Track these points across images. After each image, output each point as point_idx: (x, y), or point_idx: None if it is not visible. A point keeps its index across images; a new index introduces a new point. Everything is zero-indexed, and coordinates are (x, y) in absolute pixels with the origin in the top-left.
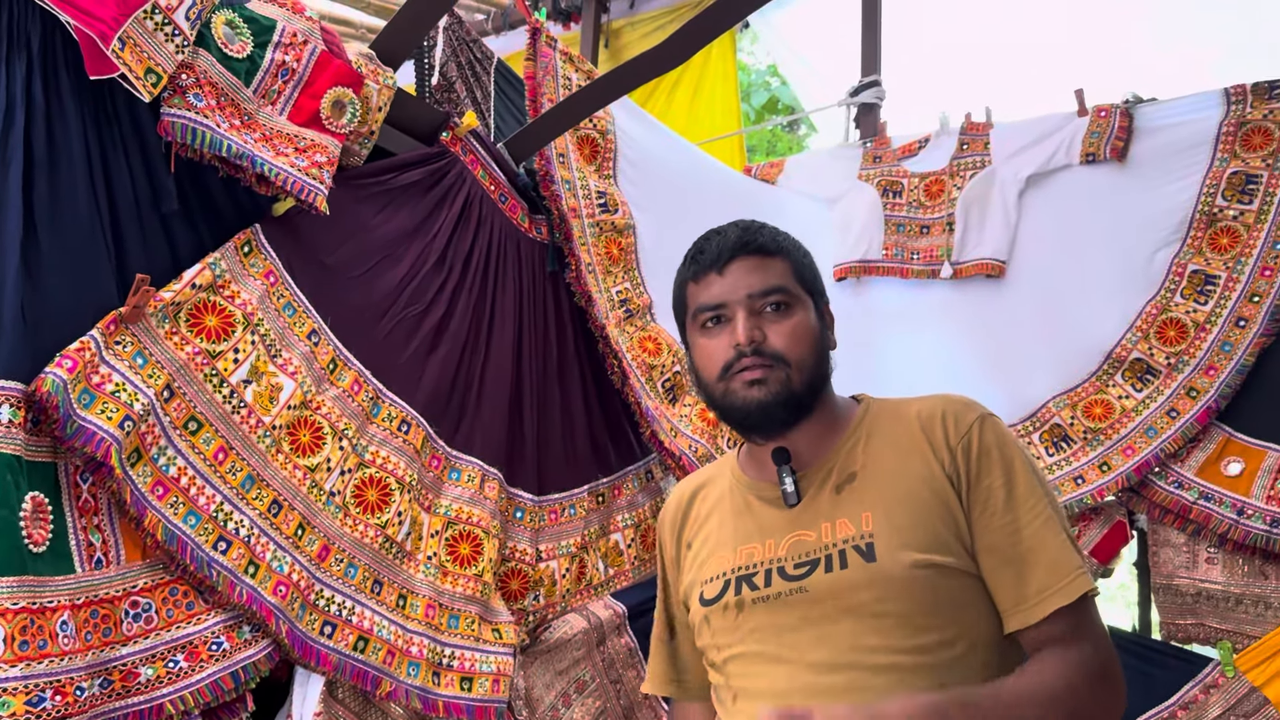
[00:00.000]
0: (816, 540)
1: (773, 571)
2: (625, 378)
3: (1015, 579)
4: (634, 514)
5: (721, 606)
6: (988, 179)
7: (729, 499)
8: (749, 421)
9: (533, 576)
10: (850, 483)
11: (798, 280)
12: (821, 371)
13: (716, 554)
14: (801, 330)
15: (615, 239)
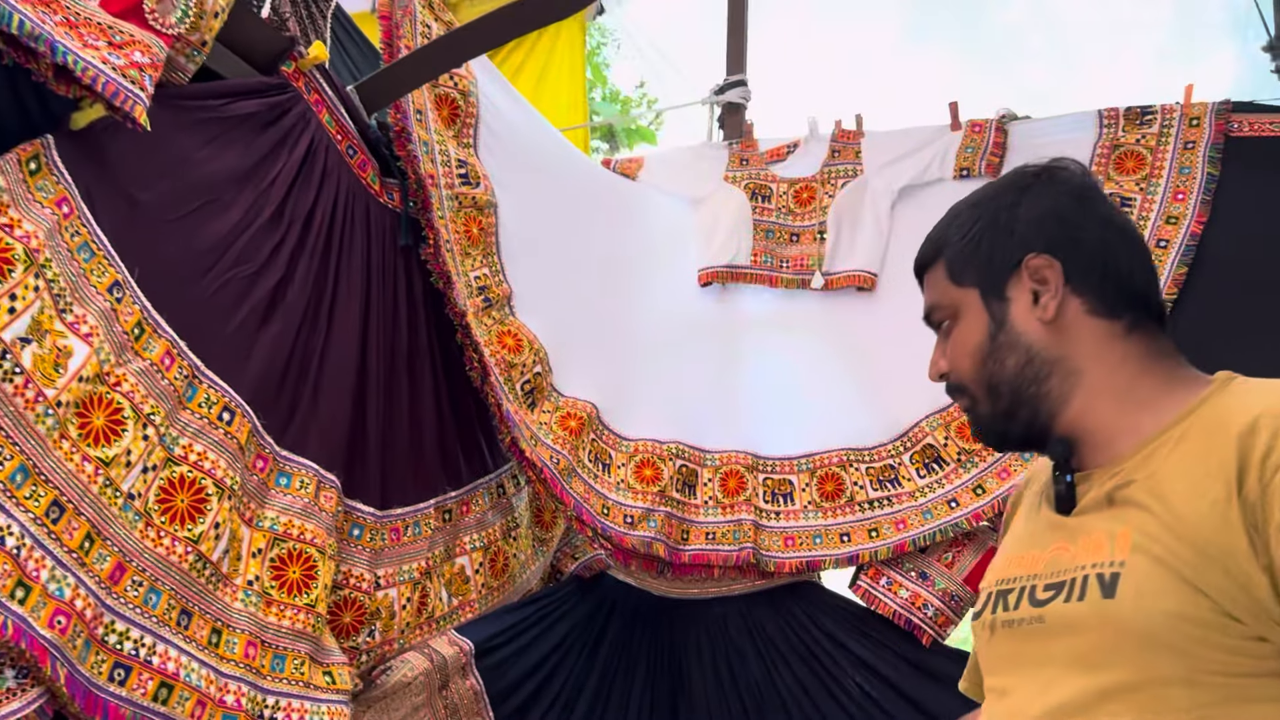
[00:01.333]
0: (1072, 558)
1: (1025, 591)
2: (485, 375)
3: None
4: (483, 534)
5: (981, 625)
6: (859, 189)
7: (1036, 493)
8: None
9: (369, 607)
10: (1124, 488)
11: (954, 280)
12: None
13: (999, 560)
14: (961, 347)
15: (475, 216)
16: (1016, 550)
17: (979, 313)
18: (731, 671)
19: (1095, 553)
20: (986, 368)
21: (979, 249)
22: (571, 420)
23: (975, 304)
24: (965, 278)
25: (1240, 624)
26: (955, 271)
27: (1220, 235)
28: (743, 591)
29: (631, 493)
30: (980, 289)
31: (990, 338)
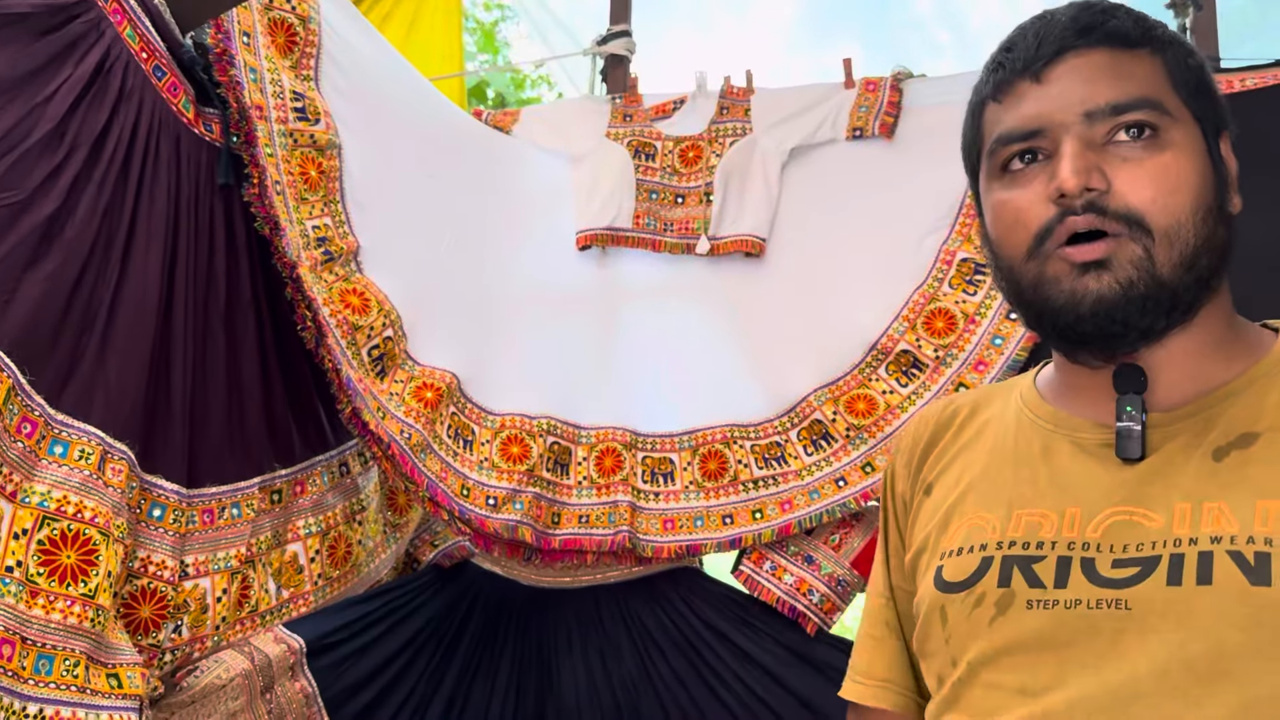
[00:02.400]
0: (1163, 528)
1: (1074, 562)
2: (321, 337)
3: None
4: (321, 518)
5: (971, 598)
6: (748, 149)
7: (1013, 435)
8: (1080, 330)
9: (174, 600)
10: (1244, 448)
11: (1178, 92)
12: (1211, 250)
13: (975, 513)
14: (1177, 175)
15: (314, 158)
16: (1017, 505)
17: (1203, 155)
18: (605, 666)
19: (1219, 524)
20: (1204, 225)
21: (1209, 85)
22: (428, 391)
23: (1199, 142)
24: (1195, 103)
25: None
26: (1183, 84)
27: None
28: (618, 579)
29: (496, 472)
30: (1204, 129)
31: (1214, 194)
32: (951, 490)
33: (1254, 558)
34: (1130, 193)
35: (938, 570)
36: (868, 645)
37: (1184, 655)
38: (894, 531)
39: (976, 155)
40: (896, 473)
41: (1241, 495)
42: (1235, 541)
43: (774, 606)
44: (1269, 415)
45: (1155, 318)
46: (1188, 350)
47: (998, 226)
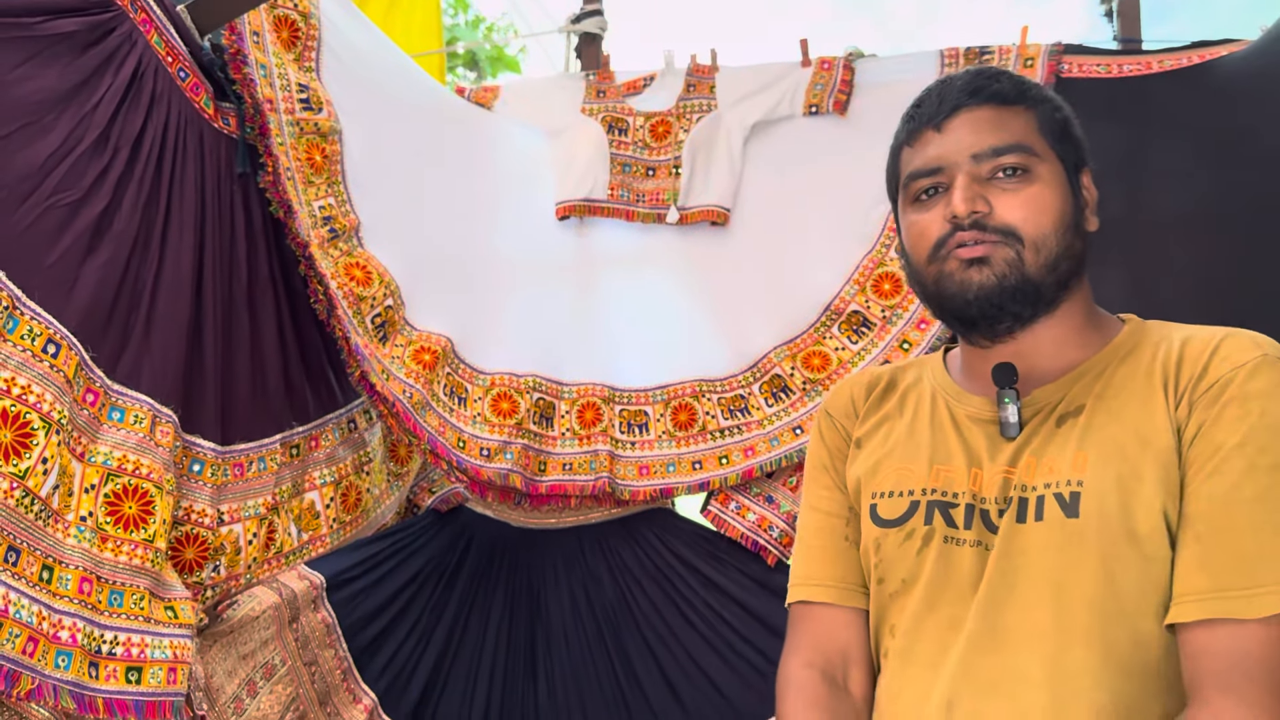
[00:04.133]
0: (1020, 479)
1: (975, 511)
2: (332, 307)
3: (1199, 560)
4: (334, 469)
5: (903, 533)
6: (713, 124)
7: (927, 407)
8: (968, 314)
9: (213, 543)
10: (1076, 415)
11: (1045, 138)
12: (1069, 257)
13: (902, 465)
14: (1043, 201)
15: (318, 144)
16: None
17: (1064, 186)
18: (588, 596)
19: (1050, 473)
20: (1064, 238)
21: (1070, 129)
22: (425, 354)
23: (1061, 176)
24: (1059, 146)
25: (1170, 530)
26: (1049, 131)
27: None
28: (599, 520)
29: (488, 425)
30: (1065, 166)
31: (1072, 217)
32: (880, 447)
33: (1069, 497)
34: (1006, 214)
35: (872, 508)
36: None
37: (1029, 572)
38: (840, 464)
39: (895, 185)
40: (837, 423)
41: (1067, 450)
42: (1058, 486)
43: (739, 541)
44: (1098, 390)
45: (1024, 306)
46: (1053, 336)
47: (910, 239)
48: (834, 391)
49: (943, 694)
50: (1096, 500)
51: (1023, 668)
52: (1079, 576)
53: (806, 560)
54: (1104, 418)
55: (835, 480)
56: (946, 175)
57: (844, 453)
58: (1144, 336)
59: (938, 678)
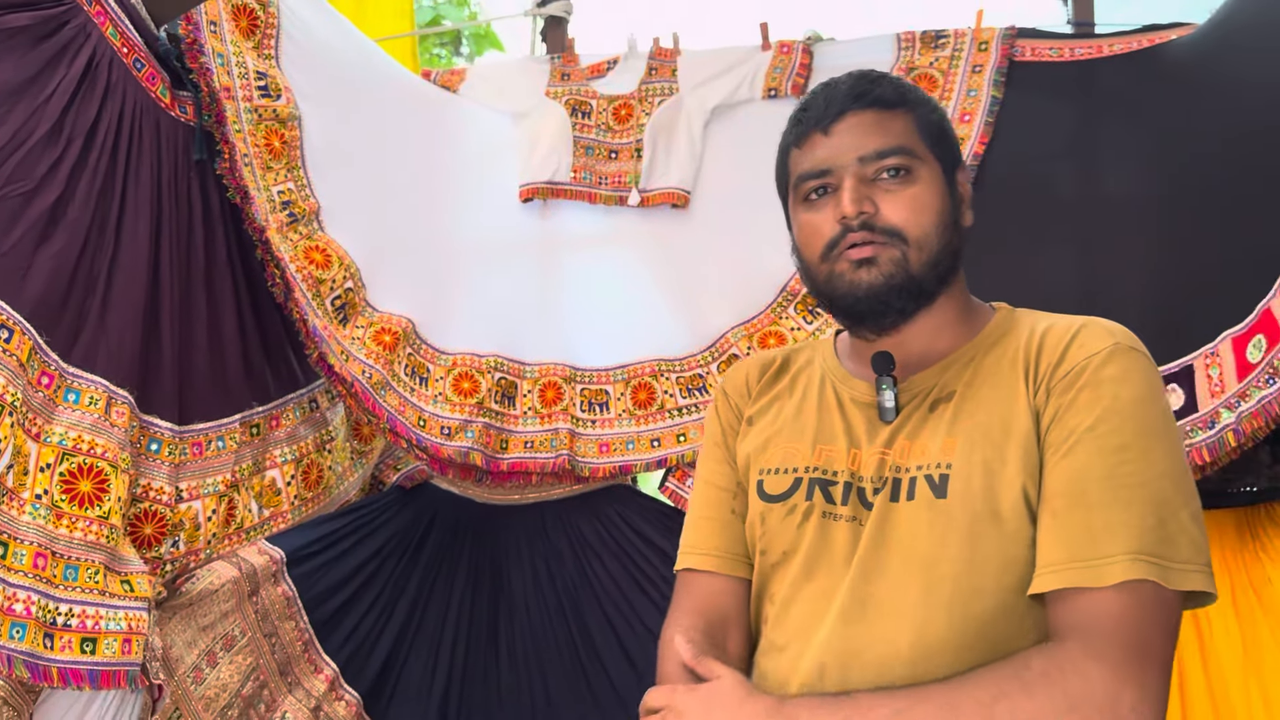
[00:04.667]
0: (894, 460)
1: (852, 489)
2: (289, 291)
3: (1056, 535)
4: (295, 448)
5: (786, 507)
6: (675, 107)
7: (816, 388)
8: (857, 310)
9: (171, 519)
10: (947, 401)
11: (924, 140)
12: (948, 254)
13: (789, 444)
14: (923, 201)
15: (277, 130)
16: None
17: (942, 186)
18: (550, 571)
19: (922, 456)
20: (943, 236)
21: (947, 132)
22: (386, 335)
23: (939, 176)
24: (937, 148)
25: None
26: (928, 134)
27: (999, 155)
28: (561, 496)
29: (449, 405)
30: (943, 167)
31: (950, 215)
32: (770, 425)
33: (939, 479)
34: (891, 215)
35: (759, 484)
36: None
37: (896, 549)
38: (732, 440)
39: (785, 186)
40: (731, 401)
41: (937, 435)
42: (929, 468)
43: None
44: (967, 378)
45: (908, 302)
46: (930, 327)
47: (802, 238)
48: (731, 371)
49: (815, 660)
50: (963, 482)
51: (889, 637)
52: (945, 553)
53: (695, 530)
54: (972, 405)
55: (727, 456)
56: (834, 177)
57: (736, 430)
58: (1012, 325)
59: (811, 644)
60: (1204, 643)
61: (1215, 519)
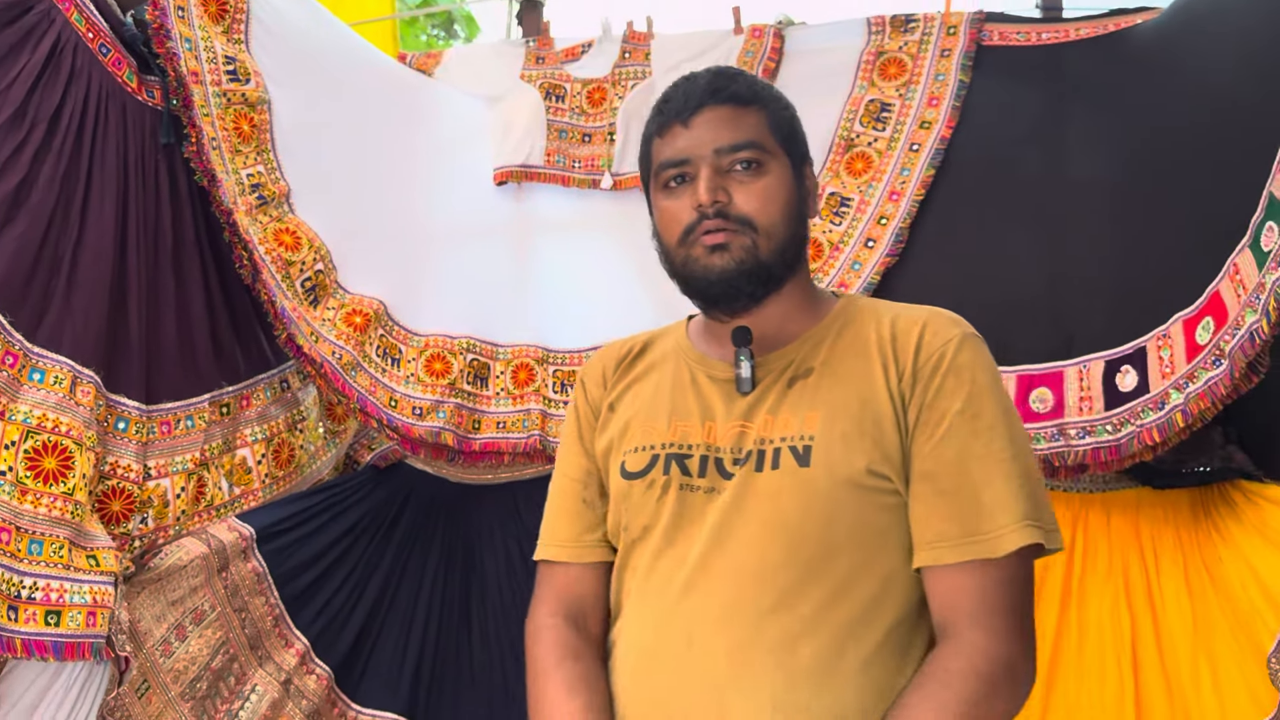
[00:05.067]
0: (756, 433)
1: (709, 460)
2: (257, 272)
3: (945, 511)
4: (265, 427)
5: (646, 483)
6: (647, 91)
7: (671, 369)
8: (711, 293)
9: (139, 496)
10: (805, 377)
11: (775, 136)
12: (796, 243)
13: (646, 423)
14: (773, 192)
15: (246, 113)
16: (674, 418)
17: (791, 179)
18: (521, 550)
19: (785, 429)
20: (790, 226)
21: (796, 129)
22: (357, 316)
23: (788, 170)
24: (787, 144)
25: (887, 482)
26: (778, 130)
27: (966, 139)
28: (533, 475)
29: (421, 385)
30: (792, 162)
31: (797, 206)
32: (631, 408)
33: (802, 449)
34: (743, 204)
35: (622, 464)
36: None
37: (764, 515)
38: (589, 433)
39: (648, 173)
40: (589, 392)
41: (799, 409)
42: (791, 440)
43: None
44: (822, 356)
45: (757, 287)
46: (779, 311)
47: (661, 223)
48: (589, 362)
49: (682, 628)
50: (824, 452)
51: (755, 600)
52: (808, 516)
53: (551, 521)
54: (830, 381)
55: (581, 448)
56: (692, 166)
57: (592, 420)
58: (857, 311)
59: (677, 613)
60: (1158, 620)
61: (1169, 499)
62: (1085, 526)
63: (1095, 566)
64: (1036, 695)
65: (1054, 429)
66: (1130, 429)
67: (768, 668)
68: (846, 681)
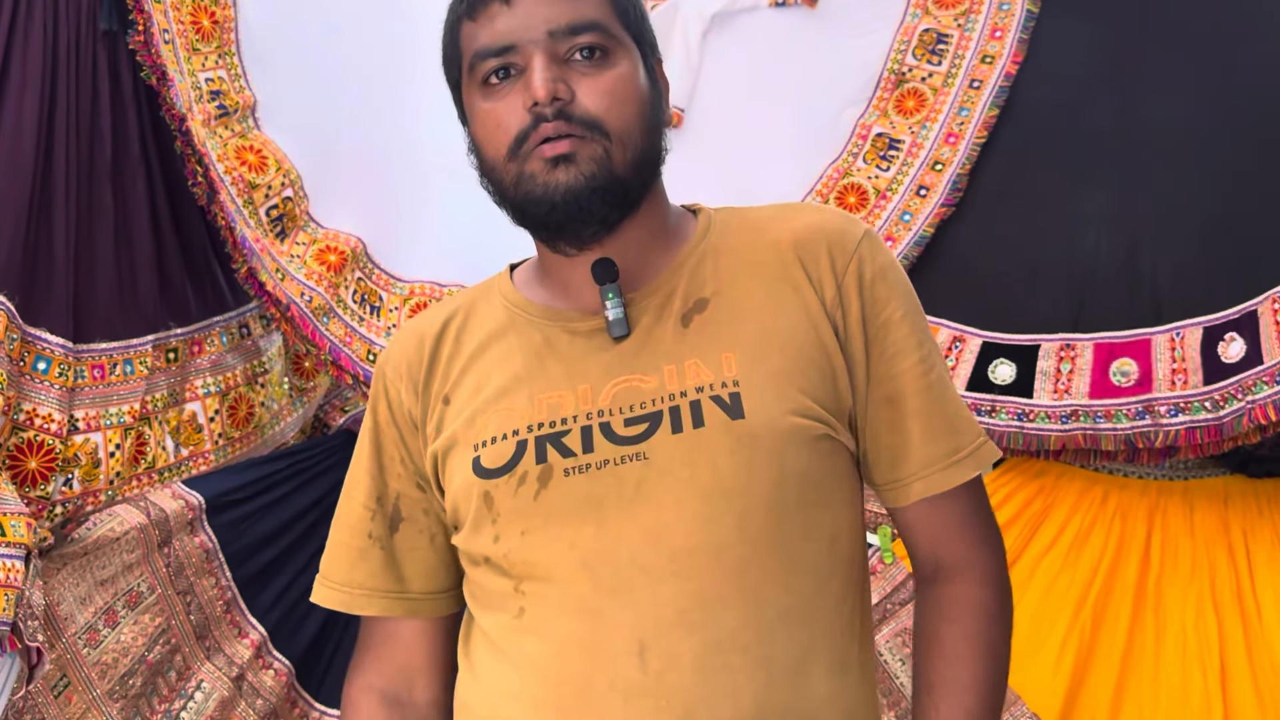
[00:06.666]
0: (657, 387)
1: (594, 430)
2: (214, 193)
3: (924, 434)
4: (220, 379)
5: (514, 479)
6: (669, 14)
7: (513, 334)
8: (554, 219)
9: (63, 453)
10: (701, 311)
11: (620, 20)
12: (654, 152)
13: (498, 405)
14: (626, 88)
15: (207, 6)
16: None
17: (641, 72)
18: None
19: (698, 376)
20: (648, 134)
21: (644, 14)
22: (331, 254)
23: (638, 61)
24: (632, 29)
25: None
26: (624, 14)
27: (1034, 76)
28: None
29: None
30: (642, 52)
31: (653, 110)
32: (474, 395)
33: (729, 398)
34: (590, 102)
35: (474, 461)
36: (346, 555)
37: (695, 486)
38: (393, 446)
39: (457, 69)
40: (393, 395)
41: (709, 351)
42: (714, 389)
43: None
44: (710, 282)
45: (611, 208)
46: (640, 239)
47: (481, 133)
48: (388, 350)
49: (628, 639)
50: (757, 398)
51: (715, 589)
52: (754, 478)
53: (335, 558)
54: (734, 314)
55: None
56: (520, 55)
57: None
58: (725, 226)
59: (613, 624)
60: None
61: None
62: (1164, 519)
63: (1176, 564)
64: (1103, 705)
65: (1138, 405)
66: (1236, 405)
67: (746, 668)
68: (826, 670)
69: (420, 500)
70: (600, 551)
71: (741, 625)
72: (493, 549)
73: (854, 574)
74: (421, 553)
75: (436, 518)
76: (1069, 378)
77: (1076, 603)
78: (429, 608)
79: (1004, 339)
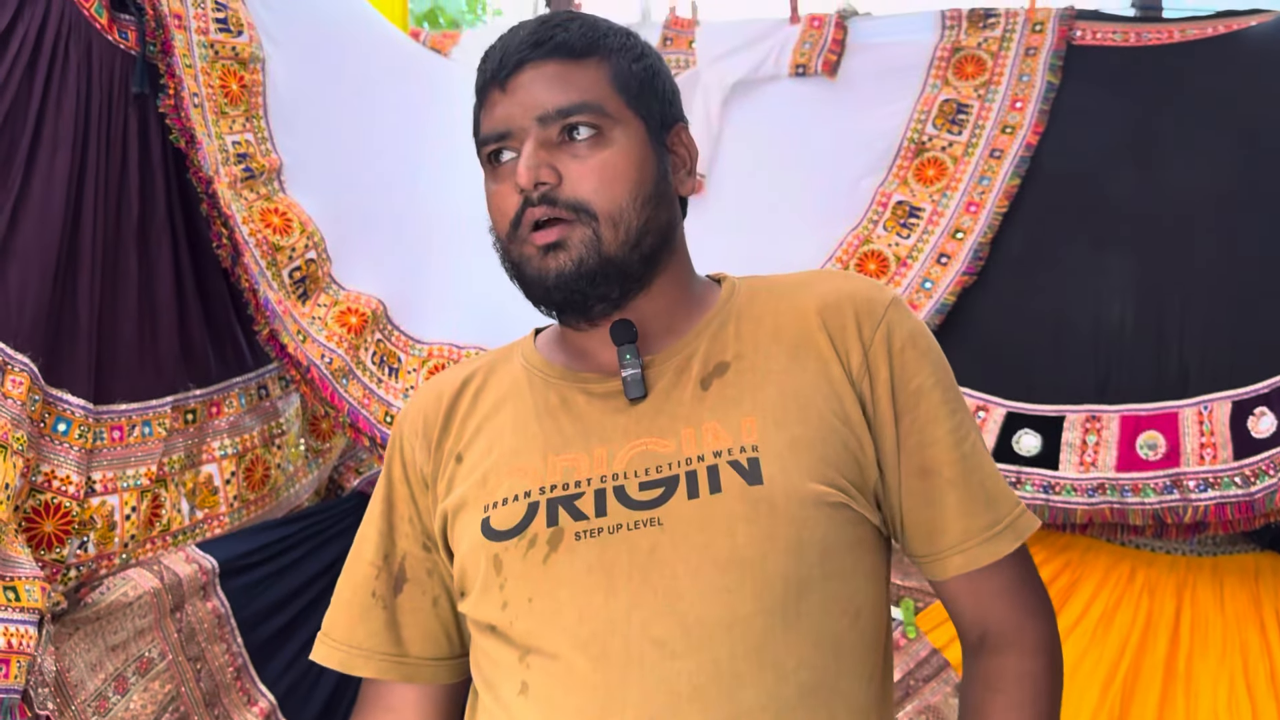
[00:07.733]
0: (674, 451)
1: (608, 493)
2: (238, 255)
3: (960, 506)
4: (237, 440)
5: (524, 542)
6: (690, 82)
7: (529, 395)
8: (553, 300)
9: (79, 516)
10: (721, 375)
11: (621, 94)
12: (654, 230)
13: (511, 466)
14: (616, 167)
15: (237, 71)
16: (550, 452)
17: (644, 149)
18: None
19: (716, 440)
20: (644, 209)
21: (655, 83)
22: (352, 316)
23: (641, 136)
24: (637, 104)
25: (849, 496)
26: (625, 86)
27: (1056, 146)
28: None
29: None
30: (648, 125)
31: (654, 183)
32: (486, 455)
33: (747, 463)
34: (577, 185)
35: (484, 522)
36: (349, 612)
37: (710, 553)
38: (404, 504)
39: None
40: (407, 452)
41: (729, 415)
42: (732, 453)
43: None
44: (732, 346)
45: (609, 288)
46: (659, 307)
47: (491, 212)
48: (406, 408)
49: (636, 715)
50: (777, 465)
51: (730, 663)
52: (773, 548)
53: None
54: (756, 378)
55: (384, 524)
56: (516, 140)
57: (428, 484)
58: (753, 293)
59: (621, 702)
60: None
61: None
62: (1193, 596)
63: (1207, 643)
64: None
65: (1167, 480)
66: (1268, 481)
67: None
68: None
69: (425, 560)
70: (610, 622)
71: (759, 703)
72: (499, 616)
73: (878, 650)
74: (423, 615)
75: (441, 580)
76: (1095, 450)
77: (1104, 681)
78: (428, 674)
79: (1028, 409)
